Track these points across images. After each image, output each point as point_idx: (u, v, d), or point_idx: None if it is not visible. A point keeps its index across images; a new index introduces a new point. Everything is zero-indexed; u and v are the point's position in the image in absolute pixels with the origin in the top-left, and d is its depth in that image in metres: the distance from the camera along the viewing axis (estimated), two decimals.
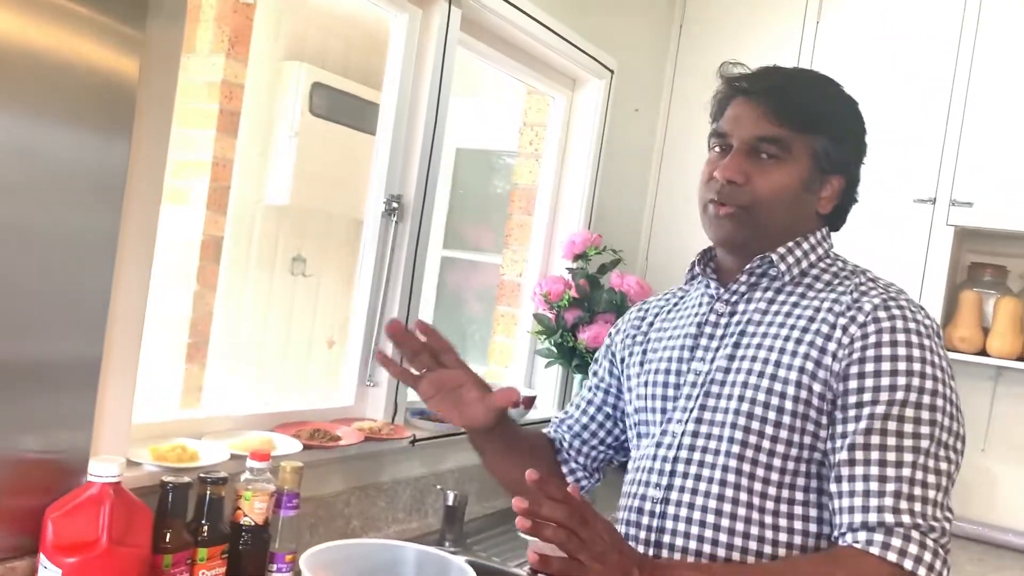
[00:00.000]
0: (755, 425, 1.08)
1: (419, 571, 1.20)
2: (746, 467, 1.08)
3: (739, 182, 1.11)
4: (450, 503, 1.74)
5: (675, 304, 1.31)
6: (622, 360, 1.32)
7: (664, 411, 1.18)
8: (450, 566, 1.18)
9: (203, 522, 1.28)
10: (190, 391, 3.30)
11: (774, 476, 1.08)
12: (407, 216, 1.82)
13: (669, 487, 1.12)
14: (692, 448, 1.12)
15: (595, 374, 1.39)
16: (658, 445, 1.16)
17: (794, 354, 1.08)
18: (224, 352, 3.25)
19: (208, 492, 1.29)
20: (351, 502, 1.70)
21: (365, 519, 1.75)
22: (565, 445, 1.38)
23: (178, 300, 3.06)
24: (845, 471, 1.03)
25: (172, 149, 3.21)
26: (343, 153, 3.21)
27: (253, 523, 1.34)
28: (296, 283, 3.45)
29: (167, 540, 1.21)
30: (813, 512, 1.07)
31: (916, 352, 1.04)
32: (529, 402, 2.19)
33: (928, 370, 1.04)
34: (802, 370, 1.07)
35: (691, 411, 1.13)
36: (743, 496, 1.08)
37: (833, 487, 1.05)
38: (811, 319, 1.10)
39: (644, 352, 1.27)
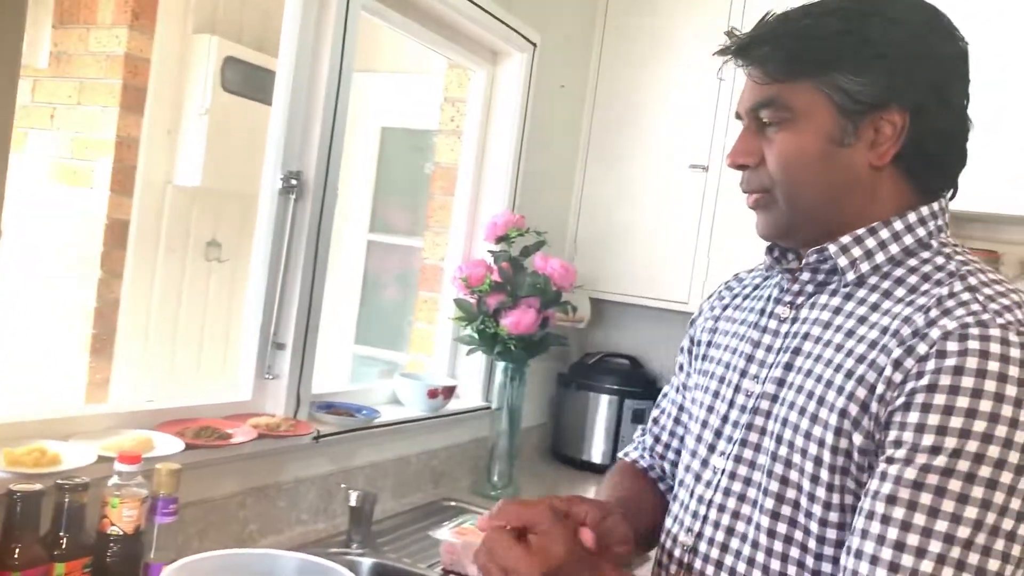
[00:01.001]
0: (793, 476, 0.88)
1: None
2: (781, 528, 0.89)
3: (750, 164, 0.94)
4: (353, 503, 1.62)
5: (756, 287, 1.07)
6: (698, 343, 1.11)
7: (706, 427, 1.00)
8: (332, 574, 1.07)
9: (60, 534, 1.14)
10: (97, 385, 3.11)
11: (811, 543, 0.87)
12: (307, 194, 1.69)
13: (699, 536, 0.96)
14: (728, 493, 0.94)
15: (680, 368, 1.16)
16: (697, 478, 0.99)
17: (840, 391, 0.85)
18: (133, 343, 3.08)
19: (67, 500, 1.15)
20: (247, 504, 1.58)
21: (264, 521, 1.62)
22: (667, 468, 1.16)
23: (80, 289, 2.88)
24: (855, 542, 0.81)
25: (73, 127, 3.01)
26: (259, 131, 3.05)
27: (122, 532, 1.20)
28: (211, 269, 3.28)
29: (15, 556, 1.08)
30: None
31: (985, 405, 0.76)
32: (449, 392, 2.09)
33: (999, 431, 0.76)
34: (844, 414, 0.84)
35: (735, 444, 0.95)
36: (775, 565, 0.89)
37: (843, 557, 0.83)
38: (873, 343, 0.85)
39: (709, 344, 1.07)
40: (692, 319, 1.17)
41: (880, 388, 0.82)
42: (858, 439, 0.83)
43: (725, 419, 0.98)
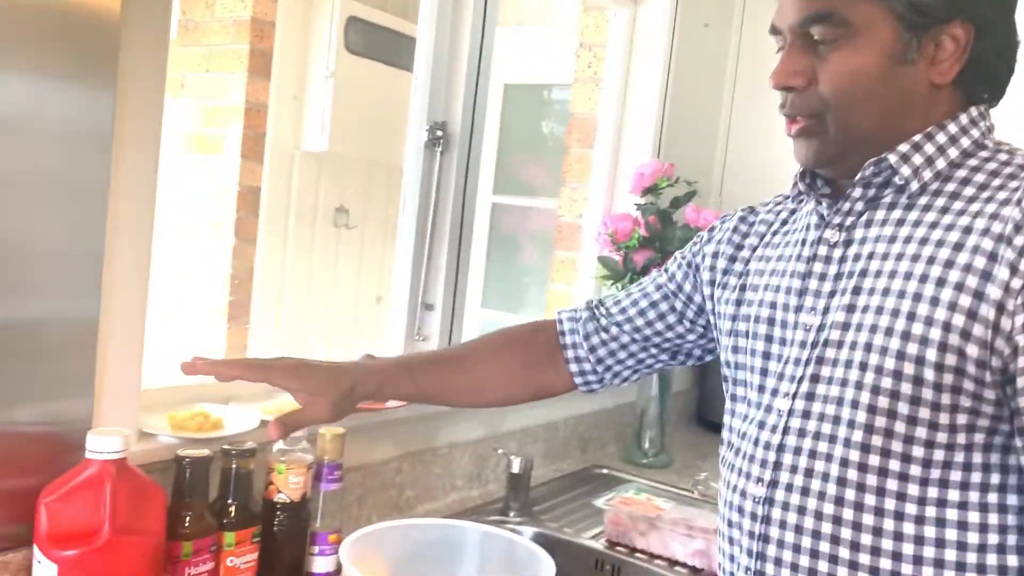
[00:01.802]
0: (882, 403, 0.80)
1: (483, 554, 1.00)
2: (874, 460, 0.80)
3: (799, 86, 0.85)
4: (515, 470, 1.53)
5: (784, 222, 1.01)
6: (712, 283, 1.05)
7: (766, 374, 0.92)
8: (516, 547, 0.98)
9: (229, 502, 1.10)
10: (234, 351, 3.16)
11: (915, 470, 0.79)
12: (453, 147, 1.60)
13: (773, 484, 0.87)
14: (802, 434, 0.86)
15: (670, 277, 1.12)
16: (760, 425, 0.90)
17: (935, 303, 0.78)
18: (268, 310, 3.10)
19: (234, 466, 1.10)
20: (403, 470, 1.51)
21: (420, 488, 1.56)
22: (582, 343, 1.13)
23: (217, 256, 2.90)
24: None
25: (203, 95, 3.02)
26: (382, 94, 2.99)
27: (289, 500, 1.15)
28: (340, 236, 3.27)
29: (186, 525, 1.03)
30: (974, 517, 0.78)
31: None
32: None
33: None
34: (948, 328, 0.77)
35: (800, 382, 0.87)
36: (871, 499, 0.81)
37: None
38: (958, 246, 0.79)
39: (743, 288, 1.00)
40: (691, 248, 1.11)
41: (992, 290, 0.75)
42: (973, 351, 0.76)
43: (784, 360, 0.90)
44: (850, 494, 0.82)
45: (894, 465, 0.80)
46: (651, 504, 1.55)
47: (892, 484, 0.80)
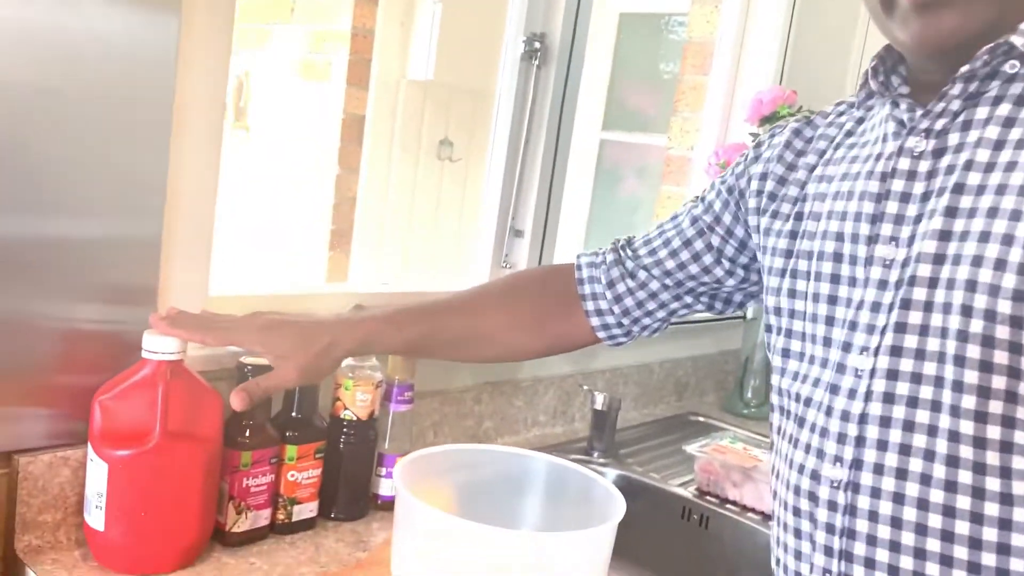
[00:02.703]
0: (999, 358, 0.63)
1: (548, 487, 0.92)
2: (993, 432, 0.64)
3: None
4: (598, 407, 1.44)
5: (849, 133, 0.82)
6: (758, 211, 0.88)
7: (832, 323, 0.75)
8: (586, 483, 0.89)
9: (293, 415, 1.05)
10: (335, 278, 3.17)
11: None
12: (551, 60, 1.49)
13: (857, 465, 0.70)
14: (891, 399, 0.68)
15: (707, 207, 0.95)
16: (832, 390, 0.73)
17: None
18: (369, 240, 3.09)
19: None
20: (483, 399, 1.45)
21: (500, 420, 1.49)
22: (604, 292, 1.00)
23: (320, 185, 2.90)
24: None
25: (312, 20, 2.99)
26: (491, 23, 2.88)
27: (355, 418, 1.10)
28: (443, 168, 3.21)
29: (246, 435, 0.99)
30: None
31: None
32: None
33: None
34: None
35: (882, 334, 0.70)
36: (993, 484, 0.64)
37: None
38: None
39: (799, 217, 0.82)
40: (733, 170, 0.93)
41: None
42: None
43: (857, 305, 0.73)
44: (965, 477, 0.65)
45: (1021, 438, 0.63)
46: (747, 454, 1.43)
47: (1019, 463, 0.63)
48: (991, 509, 0.64)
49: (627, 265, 1.00)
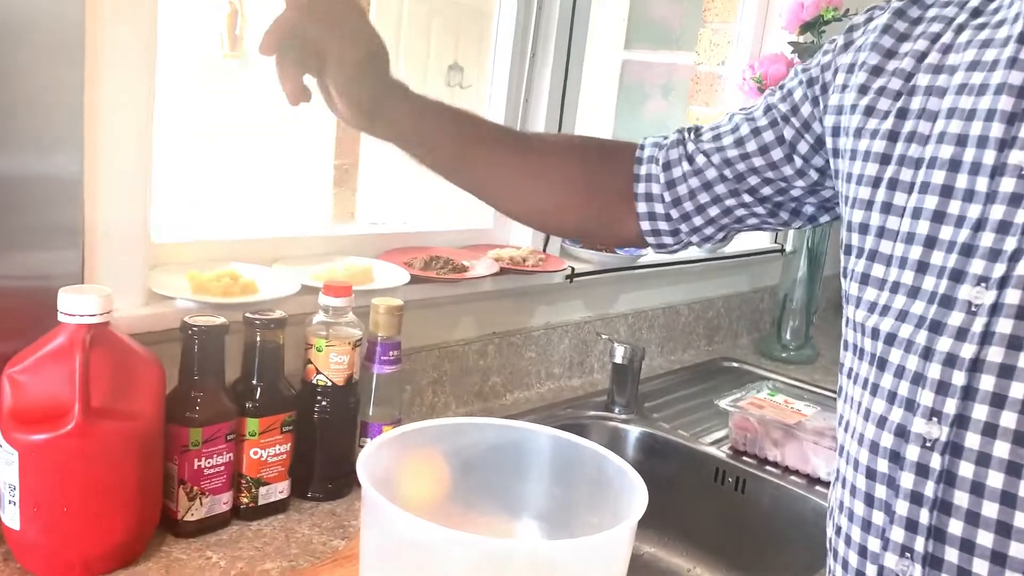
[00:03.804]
0: None
1: (553, 464, 0.76)
2: None
3: None
4: (618, 359, 1.27)
5: (976, 12, 0.66)
6: (842, 108, 0.71)
7: (935, 246, 0.61)
8: (606, 464, 0.73)
9: (253, 383, 0.89)
10: (341, 217, 3.00)
11: None
12: None
13: (961, 422, 0.57)
14: (1018, 344, 0.55)
15: (785, 95, 0.80)
16: (934, 328, 0.59)
17: None
18: (375, 175, 2.91)
19: (258, 339, 0.89)
20: (488, 353, 1.28)
21: (508, 374, 1.33)
22: (658, 175, 0.85)
23: (320, 118, 2.71)
24: None
25: None
26: None
27: (330, 383, 0.94)
28: (453, 95, 3.00)
29: (195, 408, 0.83)
30: None
31: None
32: None
33: None
34: None
35: (1012, 262, 0.56)
36: None
37: None
38: None
39: (902, 115, 0.65)
40: (831, 49, 0.76)
41: None
42: None
43: (977, 224, 0.59)
44: None
45: None
46: (788, 408, 1.26)
47: None
48: None
49: (687, 147, 0.85)
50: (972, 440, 0.56)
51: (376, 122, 0.78)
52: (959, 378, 0.57)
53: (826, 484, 1.16)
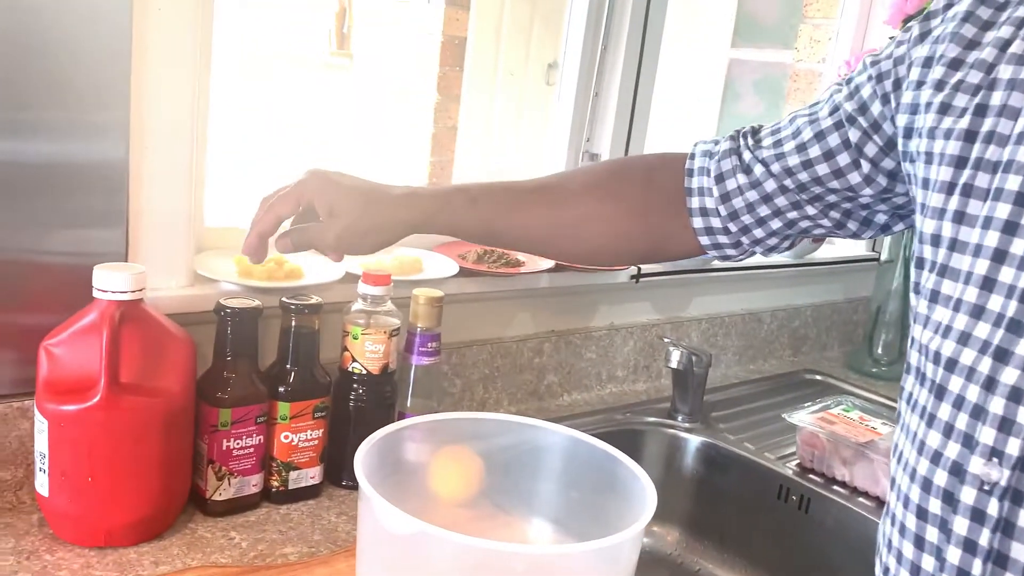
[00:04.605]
0: None
1: (567, 467, 0.73)
2: None
3: None
4: (674, 364, 1.22)
5: None
6: (917, 107, 0.63)
7: (1003, 260, 0.53)
8: (618, 467, 0.69)
9: (288, 367, 0.90)
10: None
11: None
12: None
13: None
14: None
15: (851, 93, 0.72)
16: (999, 355, 0.52)
17: None
18: (471, 172, 2.92)
19: (293, 324, 0.90)
20: (544, 351, 1.26)
21: (566, 374, 1.30)
22: (711, 188, 0.79)
23: (419, 112, 2.74)
24: None
25: None
26: None
27: (366, 372, 0.94)
28: (551, 95, 2.98)
29: (226, 389, 0.85)
30: None
31: None
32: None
33: None
34: None
35: None
36: None
37: None
38: None
39: (981, 112, 0.57)
40: (904, 41, 0.68)
41: None
42: None
43: None
44: None
45: None
46: (862, 426, 1.18)
47: None
48: None
49: (743, 157, 0.78)
50: None
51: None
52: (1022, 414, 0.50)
53: None
